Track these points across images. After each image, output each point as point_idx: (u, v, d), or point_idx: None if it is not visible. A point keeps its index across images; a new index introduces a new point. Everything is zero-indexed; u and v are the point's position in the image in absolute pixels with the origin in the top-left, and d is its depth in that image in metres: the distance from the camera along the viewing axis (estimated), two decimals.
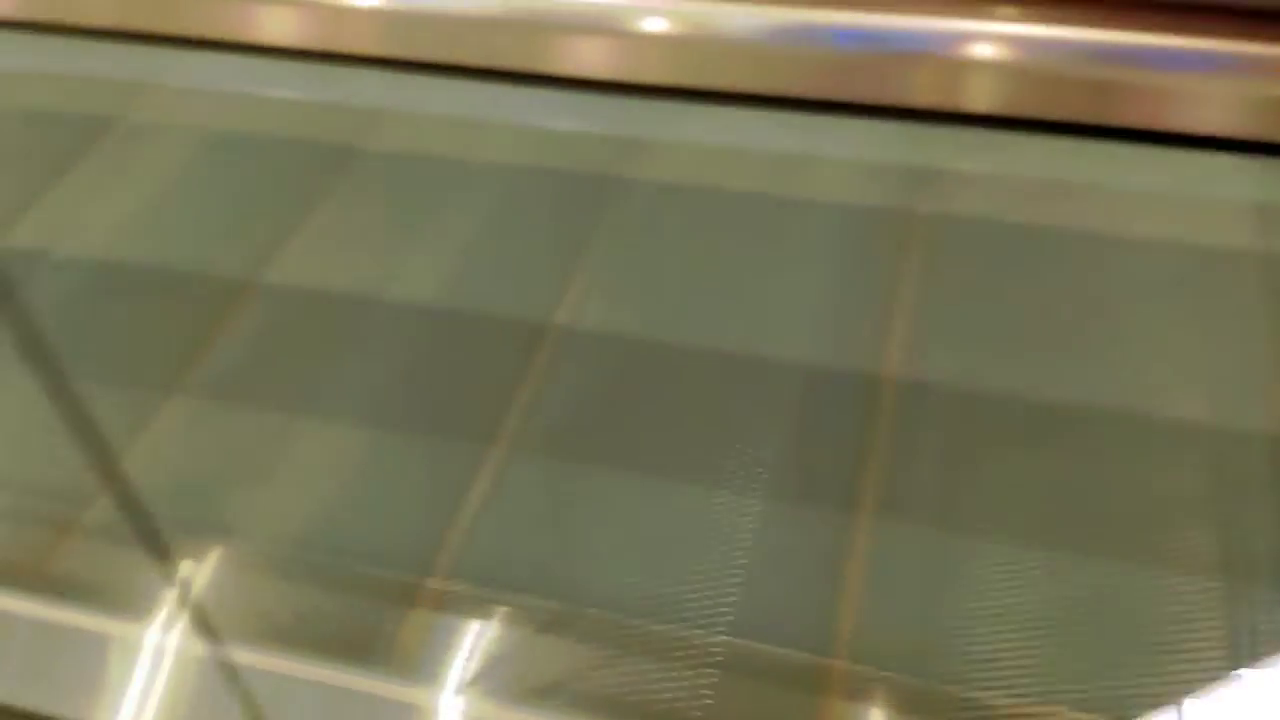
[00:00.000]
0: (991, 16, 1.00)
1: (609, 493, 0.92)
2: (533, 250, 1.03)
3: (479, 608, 0.85)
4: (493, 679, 0.82)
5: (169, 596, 0.85)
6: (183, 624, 0.83)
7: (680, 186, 1.10)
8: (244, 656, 0.82)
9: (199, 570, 0.86)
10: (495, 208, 1.07)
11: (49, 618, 0.83)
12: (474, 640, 0.84)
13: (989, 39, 1.00)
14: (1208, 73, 1.03)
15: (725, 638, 0.83)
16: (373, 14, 0.79)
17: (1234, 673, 0.75)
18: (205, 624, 0.83)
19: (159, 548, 0.87)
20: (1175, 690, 0.74)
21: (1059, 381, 0.91)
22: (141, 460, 0.98)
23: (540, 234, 1.04)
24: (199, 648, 0.82)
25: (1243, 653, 0.76)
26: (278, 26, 0.67)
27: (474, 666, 0.82)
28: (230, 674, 0.81)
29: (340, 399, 0.99)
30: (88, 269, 1.07)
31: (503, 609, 0.85)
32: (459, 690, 0.81)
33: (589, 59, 0.96)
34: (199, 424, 0.98)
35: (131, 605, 0.84)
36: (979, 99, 1.05)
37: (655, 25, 0.52)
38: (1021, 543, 0.84)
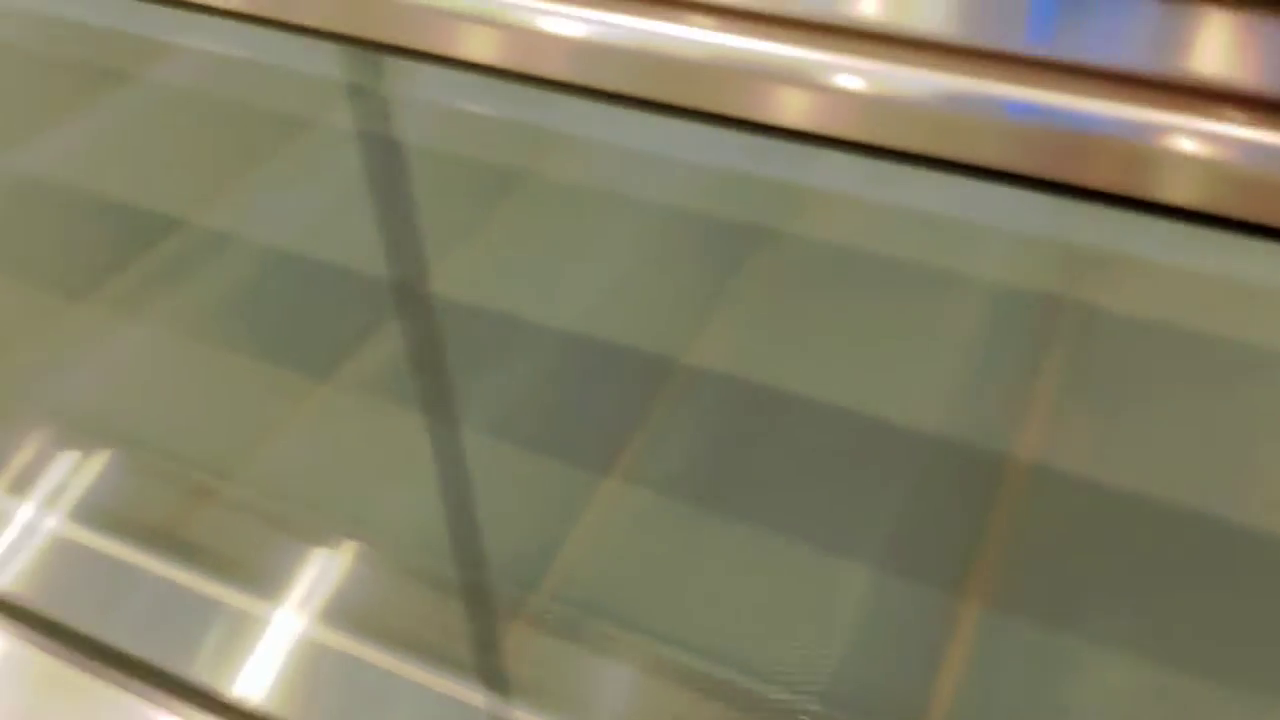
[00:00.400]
0: (1191, 112, 0.96)
1: (716, 539, 0.92)
2: (676, 289, 1.04)
3: (574, 632, 0.86)
4: (575, 703, 0.83)
5: (294, 578, 0.90)
6: (302, 606, 0.87)
7: (832, 243, 1.10)
8: (354, 647, 0.85)
9: (323, 557, 0.90)
10: (649, 242, 1.08)
11: (177, 579, 0.88)
12: (564, 662, 0.85)
13: (1187, 133, 0.96)
14: None
15: (816, 706, 0.82)
16: (568, 41, 0.82)
17: None
18: (323, 610, 0.87)
19: (290, 530, 0.92)
20: None
21: (1200, 494, 0.87)
22: (283, 442, 1.03)
23: (687, 274, 1.05)
24: (319, 632, 0.85)
25: None
26: (478, 45, 0.71)
27: (561, 687, 0.84)
28: (339, 662, 0.85)
29: (472, 408, 1.02)
30: (268, 256, 1.14)
31: (596, 637, 0.86)
32: (542, 708, 0.83)
33: (769, 105, 0.97)
34: (340, 415, 1.03)
35: (256, 581, 0.89)
36: (1160, 189, 1.01)
37: (842, 80, 0.53)
38: (1131, 654, 0.80)
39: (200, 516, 0.94)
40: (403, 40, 0.88)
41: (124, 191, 1.12)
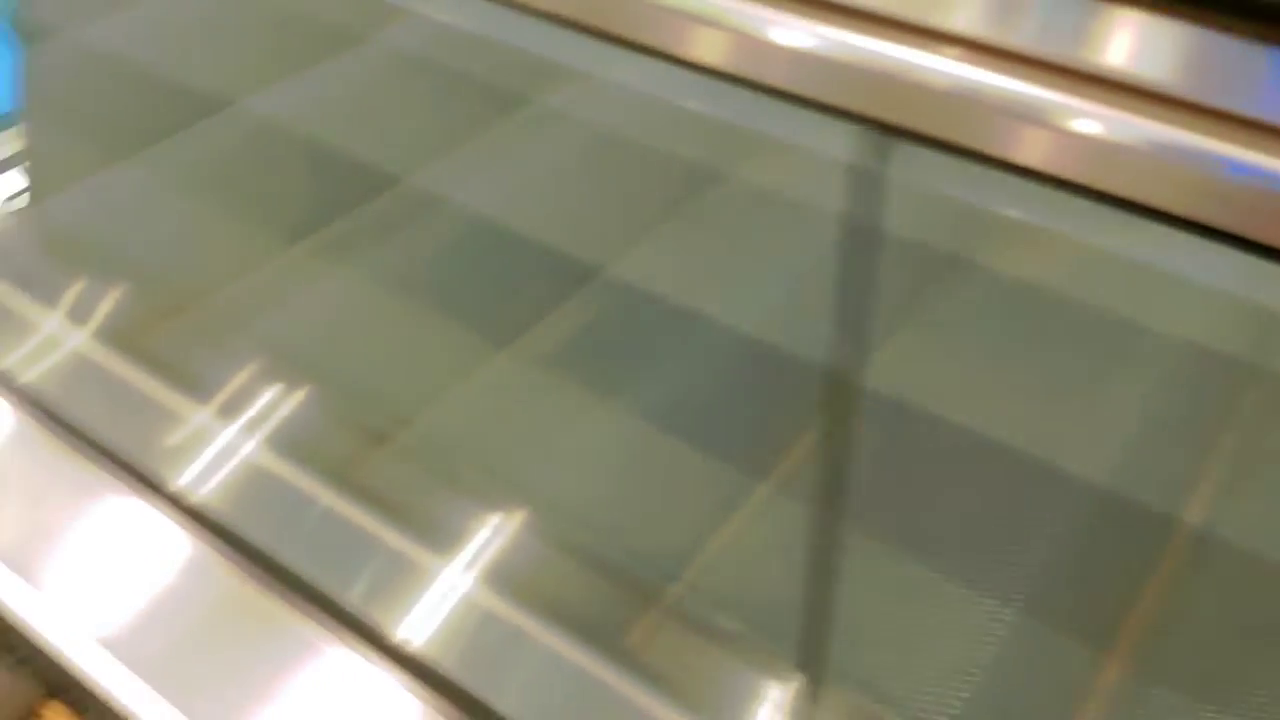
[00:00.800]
0: None
1: (865, 560, 0.92)
2: (858, 309, 1.04)
3: (707, 629, 0.89)
4: (702, 695, 0.85)
5: (459, 535, 0.95)
6: (462, 563, 0.92)
7: (1023, 278, 1.08)
8: (504, 609, 0.90)
9: (486, 517, 0.95)
10: (830, 256, 1.09)
11: (353, 518, 0.95)
12: (697, 657, 0.87)
13: None
14: None
15: None
16: (794, 53, 0.83)
17: None
18: (483, 570, 0.92)
19: (459, 488, 0.97)
20: None
21: None
22: (461, 402, 1.09)
23: (869, 294, 1.06)
24: (476, 590, 0.90)
25: None
26: (708, 48, 0.73)
27: (687, 679, 0.86)
28: (490, 621, 0.89)
29: (642, 398, 1.06)
30: (473, 223, 1.19)
31: (728, 637, 0.88)
32: (668, 696, 0.85)
33: (1003, 141, 0.96)
34: (513, 386, 1.08)
35: (423, 532, 0.94)
36: None
37: (1072, 123, 0.54)
38: None
39: (378, 460, 1.01)
40: (629, 34, 0.91)
41: (350, 145, 1.19)
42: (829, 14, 0.64)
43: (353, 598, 0.88)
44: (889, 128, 0.62)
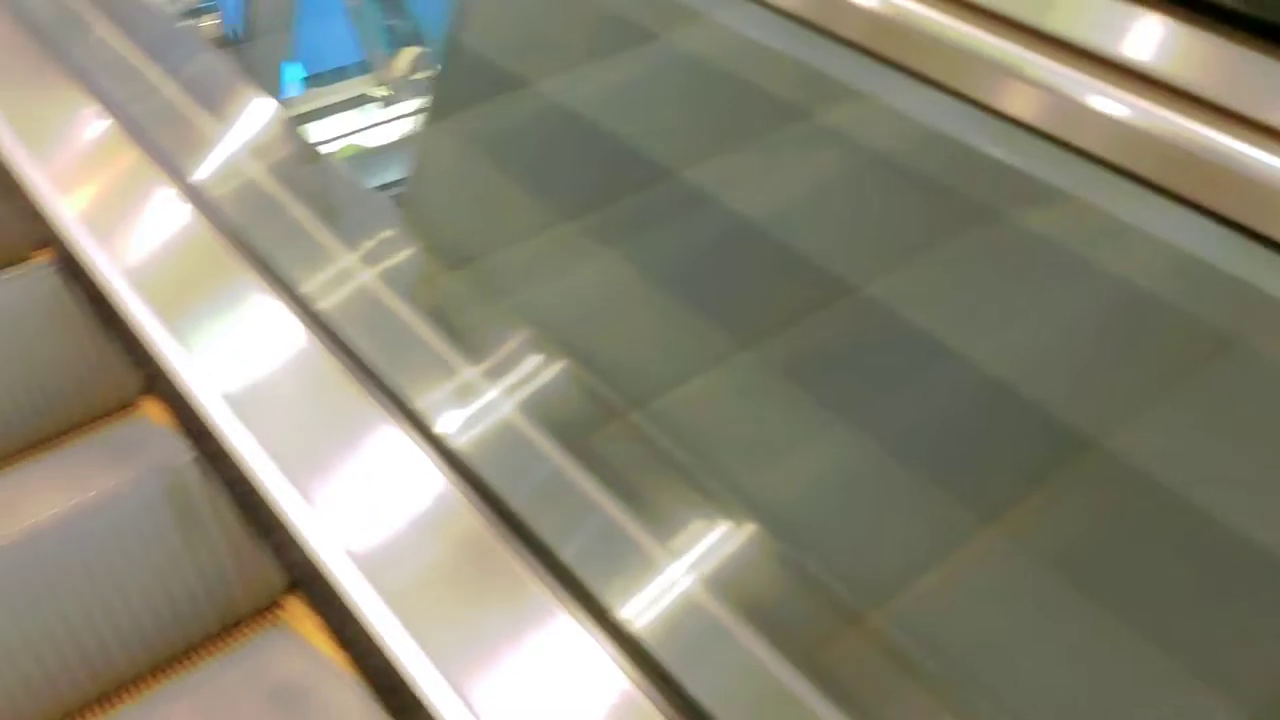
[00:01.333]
0: None
1: (1080, 624, 0.91)
2: (1112, 367, 1.02)
3: (903, 664, 0.90)
4: None
5: (687, 527, 0.99)
6: (688, 554, 0.96)
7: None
8: (718, 608, 0.93)
9: (705, 511, 0.99)
10: (1102, 312, 1.06)
11: (594, 495, 1.00)
12: (891, 687, 0.89)
13: None
14: None
15: None
16: (1109, 121, 0.82)
17: None
18: (701, 565, 0.96)
19: (692, 481, 1.01)
20: None
21: None
22: (697, 396, 1.13)
23: (1132, 354, 1.03)
24: (695, 586, 0.94)
25: None
26: (1014, 99, 0.73)
27: (882, 709, 0.87)
28: (704, 618, 0.93)
29: (880, 420, 1.07)
30: (738, 225, 1.23)
31: (924, 674, 0.89)
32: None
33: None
34: (750, 388, 1.11)
35: (654, 518, 0.98)
36: None
37: None
38: None
39: (616, 440, 1.06)
40: (930, 71, 0.92)
41: (629, 135, 1.25)
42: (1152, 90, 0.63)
43: (584, 569, 0.93)
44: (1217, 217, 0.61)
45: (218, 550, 1.23)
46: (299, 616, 1.24)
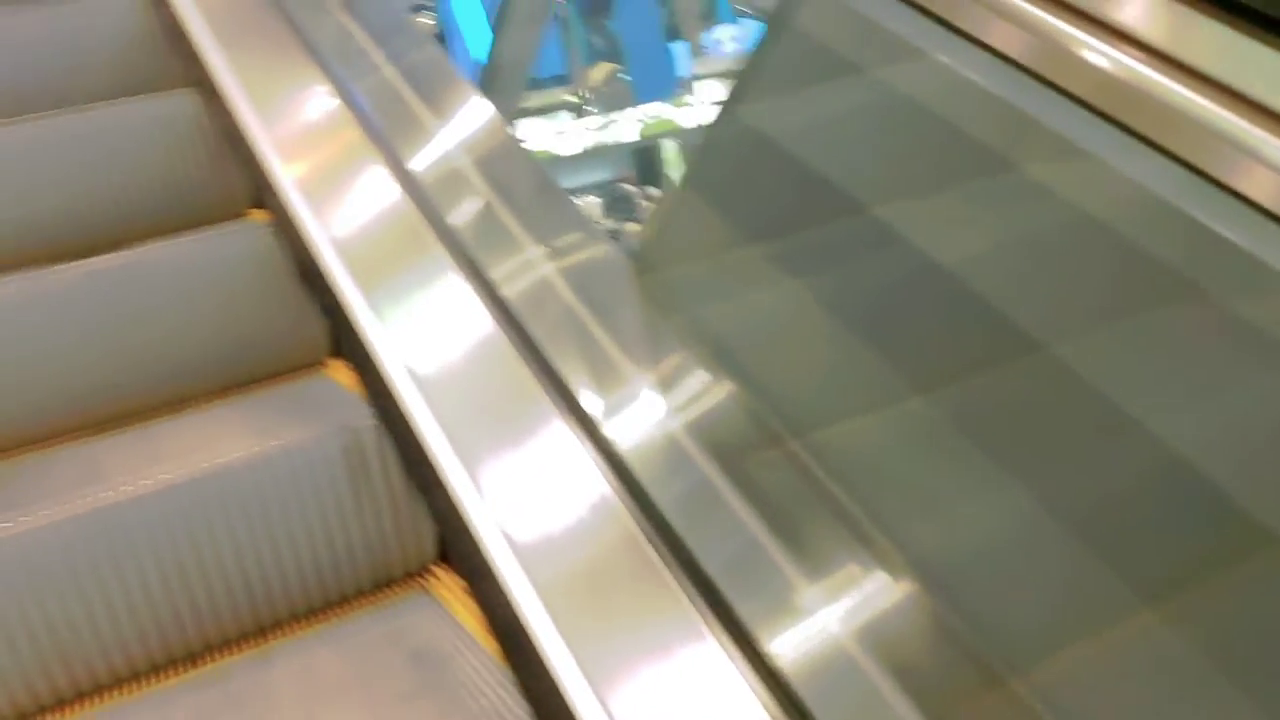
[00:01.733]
0: None
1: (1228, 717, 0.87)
2: None
3: None
4: None
5: (843, 568, 0.99)
6: (839, 600, 0.96)
7: None
8: (867, 662, 0.93)
9: (860, 555, 0.99)
10: None
11: (749, 522, 1.00)
12: None
13: None
14: None
15: None
16: None
17: None
18: (852, 609, 0.96)
19: (848, 523, 1.01)
20: None
21: None
22: (866, 434, 1.13)
23: None
24: (842, 628, 0.94)
25: None
26: (1251, 180, 0.72)
27: None
28: (848, 664, 0.93)
29: (1050, 486, 1.05)
30: (929, 270, 1.21)
31: None
32: None
33: None
34: (922, 433, 1.11)
35: (807, 555, 0.99)
36: None
37: None
38: None
39: (779, 468, 1.07)
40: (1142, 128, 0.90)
41: (839, 172, 1.25)
42: None
43: (732, 593, 0.94)
44: None
45: (381, 512, 1.29)
46: (447, 585, 1.29)
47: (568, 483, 1.11)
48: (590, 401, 1.15)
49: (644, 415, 1.14)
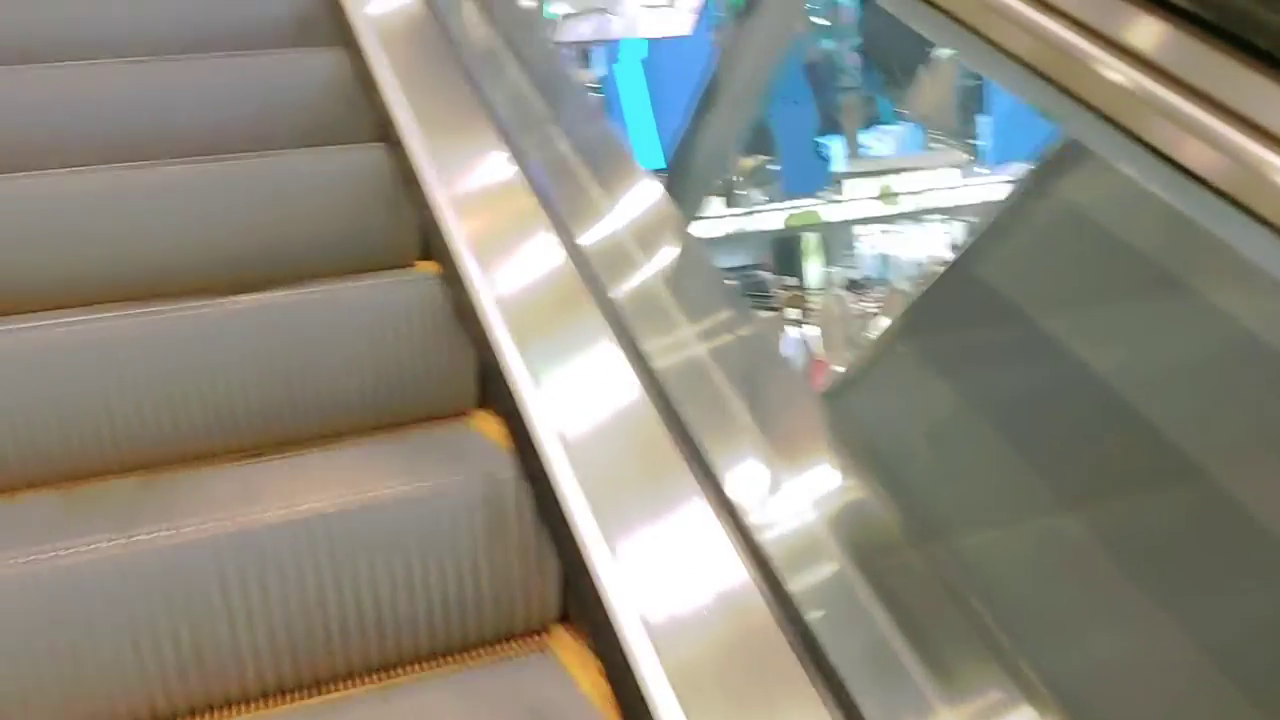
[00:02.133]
0: None
1: None
2: None
3: None
4: None
5: (963, 683, 0.96)
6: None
7: None
8: None
9: (988, 680, 0.95)
10: None
11: (883, 626, 0.98)
12: None
13: None
14: None
15: None
16: None
17: None
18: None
19: (982, 634, 0.98)
20: None
21: None
22: (1006, 546, 1.11)
23: None
24: None
25: None
26: None
27: None
28: None
29: (1200, 620, 1.01)
30: (1093, 380, 1.19)
31: None
32: None
33: None
34: (1064, 552, 1.08)
35: (937, 667, 0.96)
36: None
37: None
38: None
39: (918, 574, 1.05)
40: None
41: (1007, 277, 1.25)
42: None
43: (860, 696, 0.92)
44: None
45: (512, 565, 1.31)
46: (567, 646, 1.30)
47: (704, 564, 1.12)
48: (732, 483, 1.16)
49: (786, 504, 1.14)
